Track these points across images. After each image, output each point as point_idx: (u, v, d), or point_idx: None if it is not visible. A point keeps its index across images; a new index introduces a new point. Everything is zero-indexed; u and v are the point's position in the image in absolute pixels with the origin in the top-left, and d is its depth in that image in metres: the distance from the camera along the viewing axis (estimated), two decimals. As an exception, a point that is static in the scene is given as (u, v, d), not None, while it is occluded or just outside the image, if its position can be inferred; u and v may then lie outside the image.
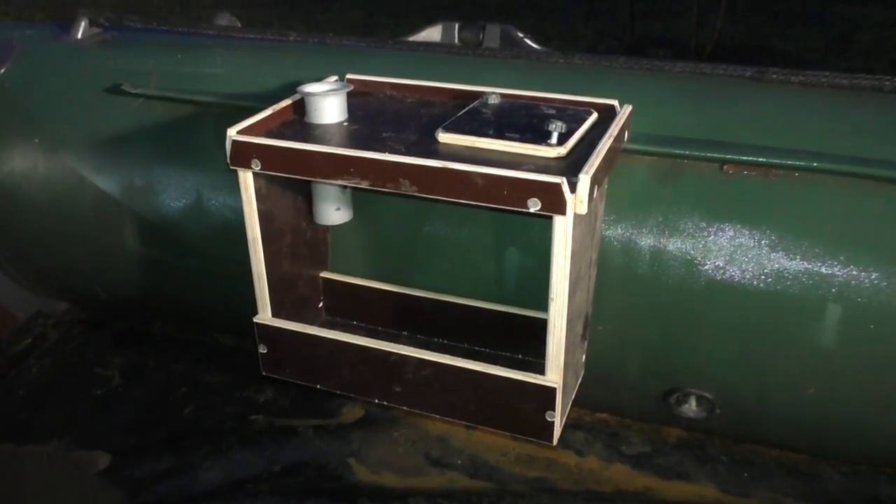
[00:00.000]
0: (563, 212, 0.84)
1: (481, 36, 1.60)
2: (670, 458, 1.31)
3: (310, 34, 1.45)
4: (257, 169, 0.97)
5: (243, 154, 0.97)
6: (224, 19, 1.65)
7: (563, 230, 0.86)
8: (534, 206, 0.85)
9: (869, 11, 5.04)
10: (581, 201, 0.84)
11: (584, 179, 0.83)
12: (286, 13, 5.67)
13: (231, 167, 0.98)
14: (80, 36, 1.48)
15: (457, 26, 1.64)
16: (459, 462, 1.32)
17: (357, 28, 5.26)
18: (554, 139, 0.92)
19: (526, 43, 1.58)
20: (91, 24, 1.50)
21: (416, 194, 0.90)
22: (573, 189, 0.83)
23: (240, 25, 1.64)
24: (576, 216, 0.85)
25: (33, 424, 1.44)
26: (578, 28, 5.06)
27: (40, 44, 1.49)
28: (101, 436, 1.40)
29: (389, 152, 0.91)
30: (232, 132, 0.97)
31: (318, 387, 1.11)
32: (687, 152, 1.06)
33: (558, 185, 0.83)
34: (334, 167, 0.92)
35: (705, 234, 1.06)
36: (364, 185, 0.92)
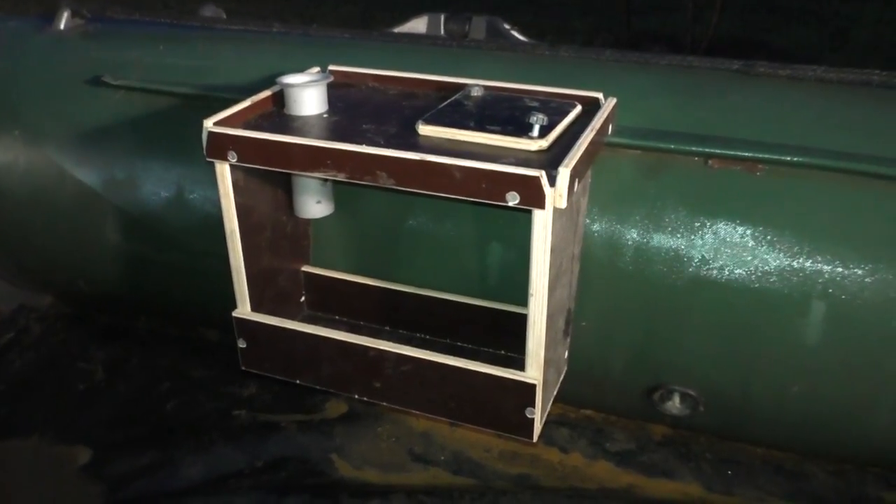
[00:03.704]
0: (542, 206, 0.83)
1: (467, 27, 1.59)
2: (655, 456, 1.30)
3: (293, 25, 1.43)
4: (234, 161, 0.95)
5: (220, 146, 0.95)
6: (209, 10, 1.63)
7: (542, 224, 0.84)
8: (512, 199, 0.83)
9: (866, 8, 5.03)
10: (561, 195, 0.83)
11: (564, 173, 0.82)
12: (280, 7, 5.64)
13: (207, 159, 0.97)
14: (62, 27, 1.46)
15: (442, 17, 1.62)
16: (442, 458, 1.30)
17: (352, 22, 5.22)
18: (535, 132, 0.90)
19: (512, 35, 1.57)
20: (73, 15, 1.48)
21: (395, 187, 0.89)
22: (552, 182, 0.82)
23: (224, 16, 1.62)
24: (556, 210, 0.84)
25: (15, 419, 1.43)
26: (574, 23, 5.03)
27: (22, 35, 1.48)
28: (84, 431, 1.39)
29: (368, 144, 0.90)
30: (208, 123, 0.96)
31: (298, 382, 1.09)
32: (672, 146, 1.05)
33: (537, 179, 0.82)
34: (311, 159, 0.91)
35: (690, 229, 1.04)
36: (341, 177, 0.91)
